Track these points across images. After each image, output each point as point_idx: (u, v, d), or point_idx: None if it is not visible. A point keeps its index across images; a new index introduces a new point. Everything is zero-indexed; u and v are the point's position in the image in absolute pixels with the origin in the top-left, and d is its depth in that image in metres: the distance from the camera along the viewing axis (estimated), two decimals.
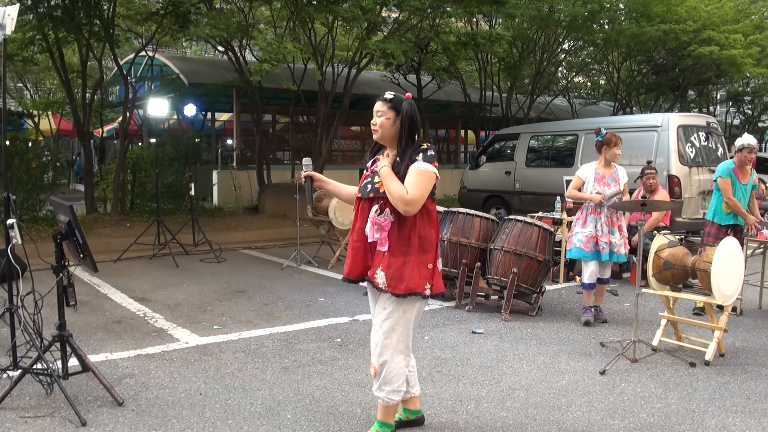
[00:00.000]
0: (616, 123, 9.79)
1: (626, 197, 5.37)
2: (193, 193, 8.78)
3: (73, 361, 3.72)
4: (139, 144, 14.50)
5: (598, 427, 3.32)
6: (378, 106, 2.90)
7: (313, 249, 8.40)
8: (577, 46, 16.54)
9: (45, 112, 17.43)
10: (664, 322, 4.62)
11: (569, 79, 19.39)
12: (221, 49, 12.61)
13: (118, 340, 4.70)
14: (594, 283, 5.33)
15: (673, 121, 8.70)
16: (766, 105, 21.50)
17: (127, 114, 11.34)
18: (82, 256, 3.48)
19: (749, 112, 22.29)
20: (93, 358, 4.08)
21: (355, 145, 18.33)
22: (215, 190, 14.21)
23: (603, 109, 19.80)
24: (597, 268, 5.30)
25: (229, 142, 19.06)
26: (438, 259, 2.96)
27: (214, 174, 14.31)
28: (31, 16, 9.73)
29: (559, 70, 18.47)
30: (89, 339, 4.70)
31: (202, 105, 16.99)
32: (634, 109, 18.43)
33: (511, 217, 5.88)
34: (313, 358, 4.34)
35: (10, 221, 3.61)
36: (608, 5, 14.24)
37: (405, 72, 15.35)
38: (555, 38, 15.27)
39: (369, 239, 2.89)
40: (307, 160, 3.19)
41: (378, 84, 15.42)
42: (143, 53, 12.59)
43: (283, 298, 6.14)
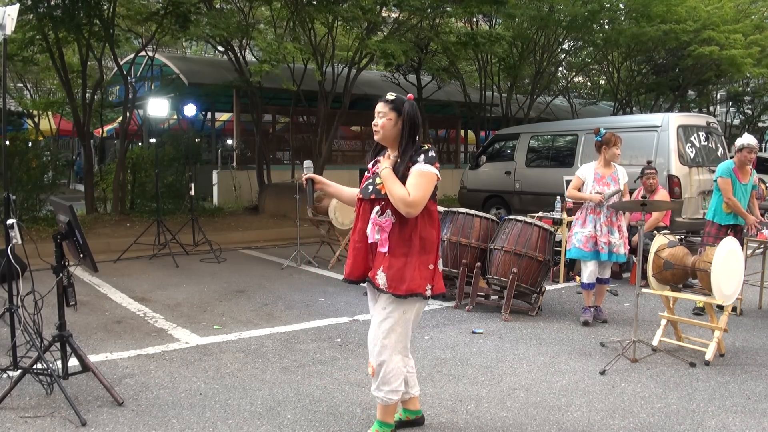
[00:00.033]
0: (616, 123, 9.79)
1: (626, 197, 5.37)
2: (193, 193, 8.79)
3: (73, 361, 3.72)
4: (139, 144, 14.50)
5: (598, 427, 3.32)
6: (379, 106, 2.91)
7: (313, 249, 8.40)
8: (577, 46, 16.53)
9: (45, 112, 17.43)
10: (664, 322, 4.62)
11: (569, 79, 19.38)
12: (221, 49, 12.61)
13: (118, 340, 4.70)
14: (593, 283, 5.33)
15: (673, 121, 8.70)
16: (766, 105, 21.50)
17: (127, 114, 11.34)
18: (82, 256, 3.48)
19: (749, 112, 22.29)
20: (93, 358, 4.08)
21: (355, 145, 18.32)
22: (215, 190, 14.21)
23: (603, 109, 19.80)
24: (596, 268, 5.30)
25: (229, 142, 19.06)
26: (439, 260, 2.96)
27: (214, 174, 14.31)
28: (31, 16, 9.73)
29: (559, 70, 18.47)
30: (89, 339, 4.71)
31: (202, 105, 16.99)
32: (634, 109, 18.43)
33: (511, 217, 5.88)
34: (313, 358, 4.34)
35: (10, 221, 3.61)
36: (608, 5, 14.24)
37: (405, 72, 15.35)
38: (555, 38, 15.27)
39: (369, 240, 2.89)
40: (308, 163, 3.20)
41: (378, 84, 15.41)
42: (143, 53, 12.59)
43: (283, 298, 6.14)
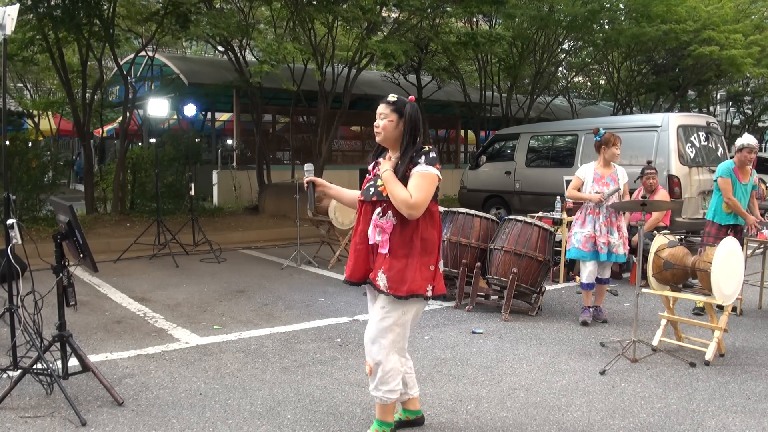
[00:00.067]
0: (616, 123, 9.79)
1: (626, 197, 5.37)
2: (193, 193, 8.79)
3: (73, 361, 3.72)
4: (139, 144, 14.50)
5: (598, 427, 3.32)
6: (381, 108, 2.91)
7: (313, 249, 8.40)
8: (577, 46, 16.53)
9: (45, 112, 17.44)
10: (664, 322, 4.62)
11: (569, 79, 19.39)
12: (221, 49, 12.61)
13: (118, 340, 4.70)
14: (592, 283, 5.33)
15: (673, 121, 8.70)
16: (766, 105, 21.50)
17: (127, 114, 11.33)
18: (82, 256, 3.48)
19: (749, 112, 22.30)
20: (93, 358, 4.08)
21: (355, 145, 18.33)
22: (215, 190, 14.21)
23: (603, 109, 19.80)
24: (595, 268, 5.30)
25: (229, 142, 19.06)
26: (440, 261, 2.96)
27: (214, 174, 14.31)
28: (31, 16, 9.73)
29: (559, 70, 18.47)
30: (89, 339, 4.70)
31: (202, 105, 16.99)
32: (634, 109, 18.43)
33: (511, 217, 5.88)
34: (313, 358, 4.34)
35: (10, 221, 3.61)
36: (608, 5, 14.24)
37: (405, 72, 15.35)
38: (555, 38, 15.27)
39: (370, 241, 2.88)
40: (309, 166, 3.20)
41: (378, 84, 15.41)
42: (143, 53, 12.59)
43: (283, 298, 6.14)
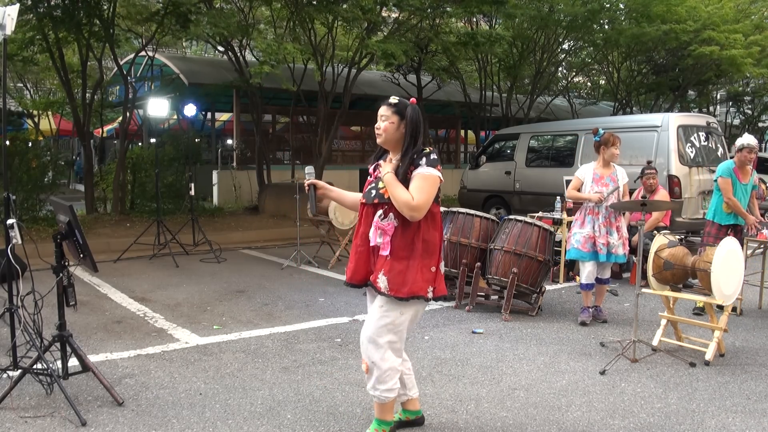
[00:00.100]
0: (616, 123, 9.79)
1: (626, 197, 5.37)
2: (193, 193, 8.79)
3: (73, 361, 3.72)
4: (139, 144, 14.50)
5: (598, 427, 3.32)
6: (382, 110, 2.91)
7: (313, 249, 8.40)
8: (577, 46, 16.53)
9: (45, 112, 17.44)
10: (664, 322, 4.62)
11: (569, 79, 19.38)
12: (221, 49, 12.61)
13: (118, 340, 4.70)
14: (591, 283, 5.33)
15: (673, 121, 8.70)
16: (766, 105, 21.51)
17: (127, 114, 11.33)
18: (82, 256, 3.48)
19: (749, 112, 22.30)
20: (93, 358, 4.08)
21: (355, 145, 18.33)
22: (215, 190, 14.21)
23: (603, 109, 19.80)
24: (594, 269, 5.30)
25: (229, 142, 19.07)
26: (441, 262, 2.96)
27: (214, 174, 14.31)
28: (31, 16, 9.72)
29: (559, 70, 18.47)
30: (89, 339, 4.70)
31: (202, 105, 16.99)
32: (634, 109, 18.43)
33: (511, 217, 5.88)
34: (313, 358, 4.34)
35: (10, 221, 3.61)
36: (608, 5, 14.24)
37: (405, 72, 15.35)
38: (555, 38, 15.27)
39: (371, 243, 2.89)
40: (310, 169, 3.20)
41: (378, 84, 15.41)
42: (143, 53, 12.60)
43: (283, 298, 6.14)
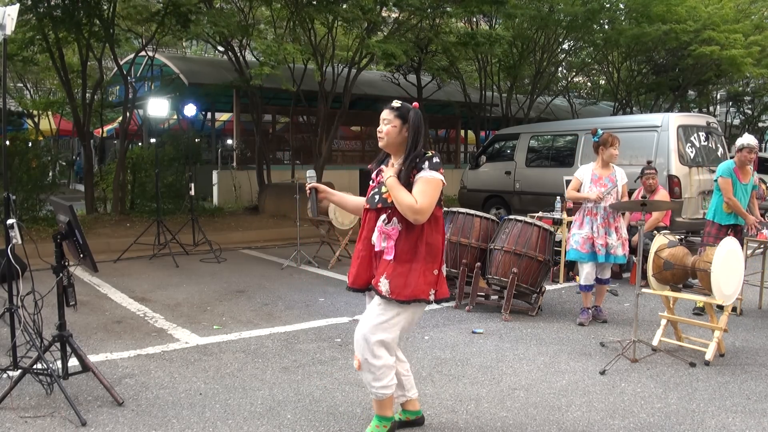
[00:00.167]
0: (616, 123, 9.79)
1: (625, 198, 5.37)
2: (193, 193, 8.79)
3: (73, 361, 3.72)
4: (139, 144, 14.50)
5: (598, 427, 3.32)
6: (385, 114, 2.92)
7: (313, 249, 8.40)
8: (577, 46, 16.54)
9: (45, 112, 17.43)
10: (664, 322, 4.62)
11: (569, 79, 19.38)
12: (221, 49, 12.61)
13: (118, 340, 4.70)
14: (590, 285, 5.33)
15: (673, 121, 8.70)
16: (766, 105, 21.50)
17: (127, 114, 11.33)
18: (82, 256, 3.48)
19: (749, 112, 22.30)
20: (93, 358, 4.08)
21: (355, 145, 18.32)
22: (215, 190, 14.21)
23: (603, 109, 19.80)
24: (593, 270, 5.30)
25: (229, 142, 19.07)
26: (443, 265, 2.96)
27: (214, 174, 14.31)
28: (31, 16, 9.72)
29: (559, 70, 18.47)
30: (89, 339, 4.70)
31: (202, 105, 17.00)
32: (634, 109, 18.43)
33: (511, 217, 5.88)
34: (313, 358, 4.34)
35: (10, 221, 3.61)
36: (608, 5, 14.24)
37: (405, 72, 15.34)
38: (555, 38, 15.27)
39: (376, 248, 2.89)
40: (311, 172, 3.21)
41: (378, 84, 15.41)
42: (143, 53, 12.59)
43: (283, 298, 6.14)
